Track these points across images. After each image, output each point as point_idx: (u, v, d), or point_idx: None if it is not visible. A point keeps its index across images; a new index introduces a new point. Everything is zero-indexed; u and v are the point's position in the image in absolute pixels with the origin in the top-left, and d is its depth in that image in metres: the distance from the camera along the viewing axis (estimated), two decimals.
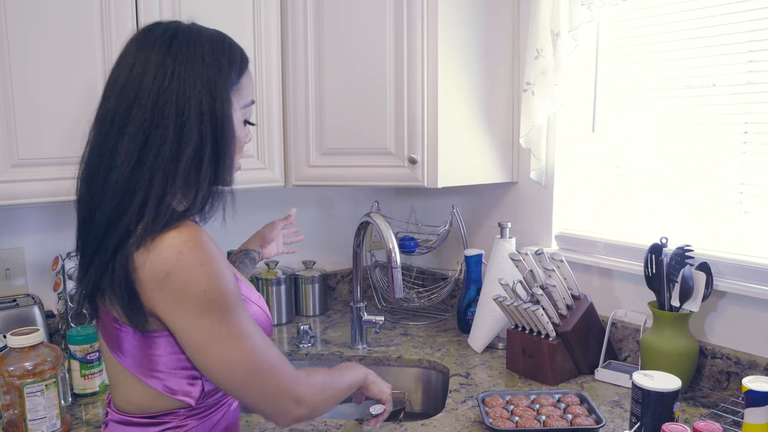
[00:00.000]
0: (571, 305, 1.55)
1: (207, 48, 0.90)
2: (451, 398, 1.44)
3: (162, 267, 0.82)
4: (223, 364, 0.87)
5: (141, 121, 0.84)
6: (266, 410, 0.93)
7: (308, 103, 1.72)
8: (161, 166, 0.84)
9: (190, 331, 0.86)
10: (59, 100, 1.38)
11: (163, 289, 0.83)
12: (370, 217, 1.60)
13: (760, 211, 1.40)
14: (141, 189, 0.84)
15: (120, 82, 0.87)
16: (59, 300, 1.61)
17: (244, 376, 0.89)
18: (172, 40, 0.88)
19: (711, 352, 1.45)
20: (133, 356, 0.91)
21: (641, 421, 1.17)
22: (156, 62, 0.86)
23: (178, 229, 0.84)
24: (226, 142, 0.90)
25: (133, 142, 0.84)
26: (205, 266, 0.84)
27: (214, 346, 0.86)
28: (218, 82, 0.88)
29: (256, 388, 0.90)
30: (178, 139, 0.85)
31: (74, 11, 1.37)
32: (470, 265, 1.86)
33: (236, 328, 0.87)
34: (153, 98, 0.85)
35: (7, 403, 1.21)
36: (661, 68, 1.54)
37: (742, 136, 1.41)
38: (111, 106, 0.87)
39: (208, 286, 0.84)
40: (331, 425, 1.32)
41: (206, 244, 0.85)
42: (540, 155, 1.76)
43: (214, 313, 0.85)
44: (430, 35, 1.63)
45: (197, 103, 0.86)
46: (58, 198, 1.40)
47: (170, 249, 0.83)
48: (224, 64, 0.90)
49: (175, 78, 0.85)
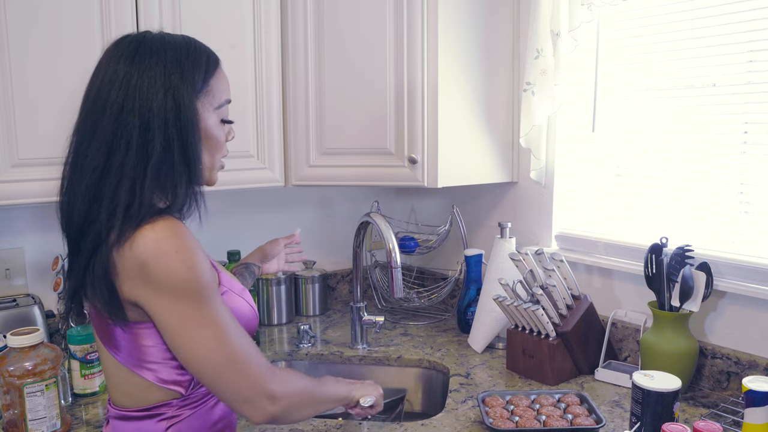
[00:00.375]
0: (571, 305, 1.55)
1: (170, 56, 0.93)
2: (451, 398, 1.44)
3: (140, 258, 0.86)
4: (197, 352, 0.89)
5: (106, 132, 0.89)
6: (239, 404, 0.93)
7: (308, 103, 1.72)
8: (127, 174, 0.88)
9: (167, 319, 0.88)
10: (59, 100, 1.38)
11: (143, 279, 0.87)
12: (370, 217, 1.60)
13: (760, 211, 1.40)
14: (107, 195, 0.89)
15: (91, 95, 0.92)
16: (59, 300, 1.61)
17: (217, 365, 0.90)
18: (136, 50, 0.92)
19: (711, 352, 1.45)
20: (126, 350, 0.94)
21: (641, 421, 1.17)
22: (121, 74, 0.90)
23: (153, 222, 0.88)
24: (193, 145, 0.93)
25: (100, 151, 0.89)
26: (180, 254, 0.87)
27: (189, 333, 0.88)
28: (180, 88, 0.92)
29: (229, 379, 0.91)
30: (143, 146, 0.89)
31: (74, 12, 1.37)
32: (470, 265, 1.86)
33: (211, 316, 0.90)
34: (117, 110, 0.89)
35: (7, 403, 1.21)
36: (661, 68, 1.54)
37: (742, 136, 1.41)
38: (83, 119, 0.92)
39: (183, 273, 0.87)
40: (331, 425, 1.32)
41: (182, 234, 0.89)
42: (540, 155, 1.76)
43: (189, 301, 0.88)
44: (430, 35, 1.63)
45: (160, 110, 0.90)
46: (57, 198, 1.40)
47: (147, 239, 0.86)
48: (187, 69, 0.93)
49: (137, 88, 0.90)
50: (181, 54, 0.94)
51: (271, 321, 1.98)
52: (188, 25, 1.51)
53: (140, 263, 0.86)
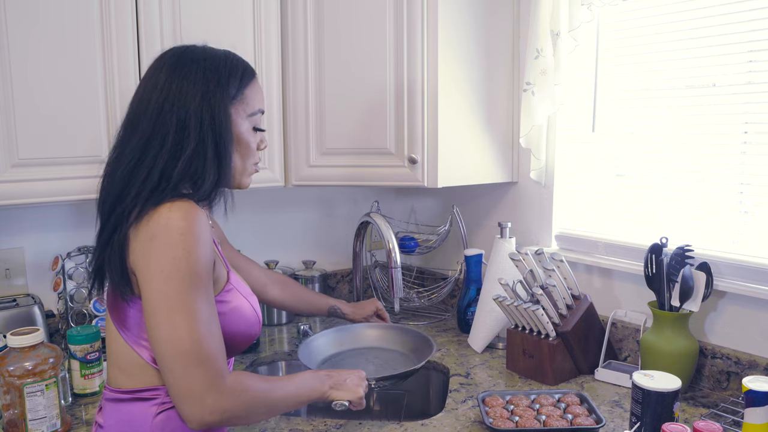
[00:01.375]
0: (571, 305, 1.55)
1: (209, 64, 1.02)
2: (451, 398, 1.44)
3: (151, 231, 0.92)
4: (163, 334, 0.92)
5: (146, 129, 0.98)
6: (180, 399, 0.92)
7: (308, 103, 1.72)
8: (159, 164, 0.97)
9: (151, 293, 0.92)
10: (59, 101, 1.38)
11: (146, 250, 0.93)
12: (370, 217, 1.61)
13: (760, 211, 1.40)
14: (139, 180, 0.96)
15: (137, 97, 1.02)
16: (59, 300, 1.61)
17: (176, 353, 0.91)
18: (179, 58, 1.02)
19: (711, 352, 1.45)
20: (125, 320, 1.00)
21: (641, 421, 1.17)
22: (163, 78, 1.00)
23: (172, 202, 0.94)
24: (225, 145, 1.02)
25: (138, 145, 0.98)
26: (184, 237, 0.92)
27: (163, 313, 0.92)
28: (216, 93, 1.01)
29: (180, 372, 0.91)
30: (179, 143, 0.98)
31: (74, 12, 1.37)
32: (470, 265, 1.86)
33: (189, 304, 0.92)
34: (157, 109, 0.98)
35: (7, 403, 1.21)
36: (661, 68, 1.54)
37: (742, 136, 1.41)
38: (128, 117, 1.02)
39: (181, 255, 0.91)
40: (331, 425, 1.32)
41: (193, 219, 0.94)
42: (540, 155, 1.76)
43: (175, 283, 0.91)
44: (430, 35, 1.63)
45: (197, 112, 0.99)
46: (58, 198, 1.40)
47: (161, 216, 0.93)
48: (224, 77, 1.03)
49: (177, 90, 0.99)
50: (219, 63, 1.03)
51: (271, 321, 1.98)
52: (188, 26, 1.51)
53: (150, 236, 0.92)
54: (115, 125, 1.44)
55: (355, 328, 1.66)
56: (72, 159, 1.41)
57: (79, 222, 1.73)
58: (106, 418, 1.03)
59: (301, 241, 2.16)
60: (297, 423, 1.33)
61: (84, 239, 1.70)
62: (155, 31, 1.47)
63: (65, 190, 1.41)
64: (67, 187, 1.41)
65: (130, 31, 1.44)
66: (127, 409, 1.00)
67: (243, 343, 1.09)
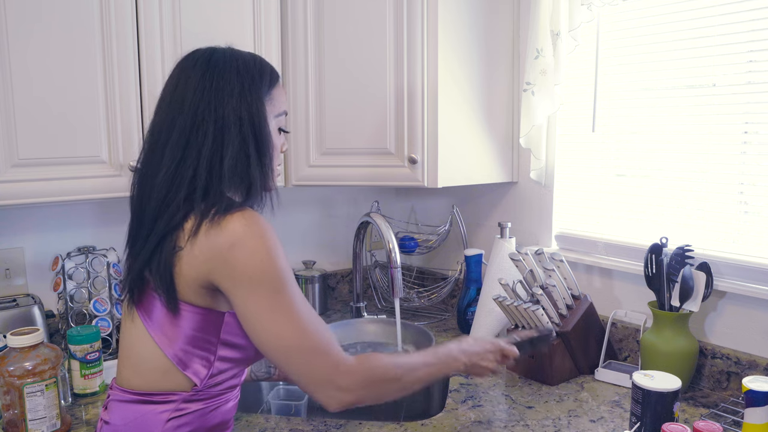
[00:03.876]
0: (571, 305, 1.55)
1: (241, 63, 1.03)
2: (451, 398, 1.44)
3: (228, 239, 0.92)
4: (271, 337, 0.95)
5: (183, 127, 0.97)
6: (310, 390, 0.97)
7: (308, 103, 1.72)
8: (203, 162, 0.96)
9: (246, 302, 0.94)
10: (59, 100, 1.38)
11: (227, 261, 0.92)
12: (370, 217, 1.61)
13: (761, 211, 1.40)
14: (185, 183, 0.96)
15: (166, 98, 1.01)
16: (59, 300, 1.61)
17: (288, 350, 0.95)
18: (210, 58, 1.02)
19: (711, 352, 1.45)
20: (160, 323, 0.98)
21: (641, 421, 1.17)
22: (196, 78, 0.99)
23: (242, 211, 0.95)
24: (266, 143, 1.02)
25: (178, 144, 0.97)
26: (264, 240, 0.94)
27: (264, 317, 0.94)
28: (252, 90, 1.01)
29: (299, 366, 0.96)
30: (220, 140, 0.97)
31: (74, 12, 1.37)
32: (470, 265, 1.86)
33: (287, 302, 0.95)
34: (194, 107, 0.98)
35: (7, 403, 1.21)
36: (661, 68, 1.54)
37: (742, 136, 1.41)
38: (159, 120, 1.01)
39: (267, 258, 0.93)
40: (331, 425, 1.32)
41: (266, 224, 0.96)
42: (540, 155, 1.76)
43: (268, 286, 0.93)
44: (430, 35, 1.63)
45: (235, 108, 0.99)
46: (58, 198, 1.40)
47: (236, 224, 0.93)
48: (256, 75, 1.03)
49: (213, 89, 0.98)
50: (249, 63, 1.04)
51: None
52: (188, 25, 1.51)
53: (229, 244, 0.92)
54: (115, 125, 1.45)
55: (355, 324, 1.65)
56: (72, 159, 1.41)
57: (79, 222, 1.73)
58: (114, 417, 1.02)
59: (301, 241, 2.16)
60: (297, 423, 1.33)
61: (84, 239, 1.71)
62: (155, 31, 1.47)
63: (65, 190, 1.41)
64: (67, 187, 1.41)
65: (130, 31, 1.44)
66: (137, 411, 1.00)
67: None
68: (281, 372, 1.37)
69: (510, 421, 1.31)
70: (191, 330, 0.98)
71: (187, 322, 0.97)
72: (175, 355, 0.98)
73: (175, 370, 0.98)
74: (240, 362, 1.04)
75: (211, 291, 0.97)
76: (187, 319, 0.97)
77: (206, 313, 0.98)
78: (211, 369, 1.00)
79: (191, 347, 0.98)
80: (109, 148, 1.45)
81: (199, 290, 0.96)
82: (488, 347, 1.18)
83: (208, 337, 0.98)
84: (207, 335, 0.98)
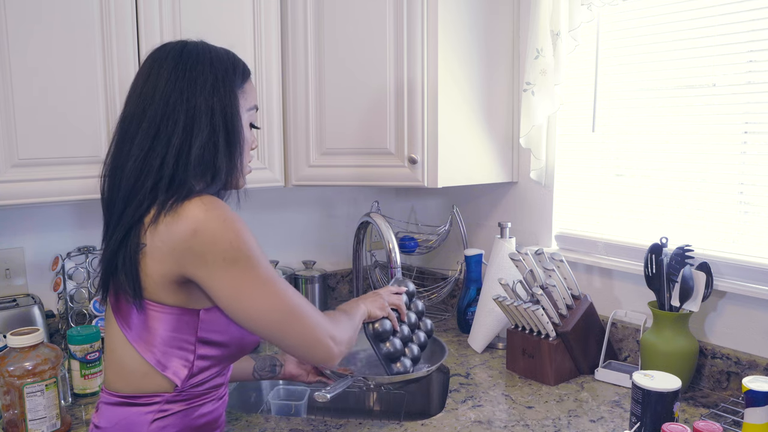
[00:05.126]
0: (571, 305, 1.55)
1: (214, 55, 1.03)
2: (451, 398, 1.44)
3: (189, 226, 0.91)
4: (257, 312, 0.96)
5: (153, 117, 0.97)
6: (307, 350, 1.00)
7: (308, 103, 1.72)
8: (172, 153, 0.95)
9: (222, 284, 0.94)
10: (59, 100, 1.38)
11: (193, 247, 0.92)
12: (370, 217, 1.60)
13: (760, 211, 1.40)
14: (152, 172, 0.95)
15: (138, 89, 1.00)
16: (59, 300, 1.61)
17: (278, 320, 0.97)
18: (182, 50, 1.01)
19: (711, 352, 1.45)
20: (137, 328, 0.98)
21: (641, 421, 1.17)
22: (168, 69, 0.99)
23: (200, 197, 0.95)
24: (237, 134, 1.02)
25: (147, 134, 0.96)
26: (227, 221, 0.93)
27: (245, 295, 0.95)
28: (225, 81, 1.01)
29: (292, 330, 0.98)
30: (189, 129, 0.97)
31: (74, 12, 1.37)
32: (470, 265, 1.86)
33: (264, 276, 0.96)
34: (165, 97, 0.97)
35: (7, 403, 1.21)
36: (661, 68, 1.54)
37: (742, 136, 1.41)
38: (130, 110, 1.00)
39: (234, 237, 0.93)
40: (331, 425, 1.32)
41: (226, 206, 0.96)
42: (540, 155, 1.76)
43: (242, 263, 0.94)
44: (430, 35, 1.63)
45: (207, 99, 0.98)
46: (58, 198, 1.40)
47: (195, 209, 0.92)
48: (229, 68, 1.03)
49: (185, 79, 0.98)
50: (222, 56, 1.04)
51: None
52: (188, 25, 1.51)
53: (191, 231, 0.91)
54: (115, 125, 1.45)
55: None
56: (72, 159, 1.41)
57: (79, 222, 1.73)
58: (102, 420, 1.02)
59: (301, 241, 2.16)
60: (297, 423, 1.33)
61: (84, 239, 1.71)
62: (155, 31, 1.47)
63: (65, 190, 1.41)
64: (67, 187, 1.41)
65: (130, 31, 1.44)
66: (123, 413, 1.00)
67: (253, 342, 1.08)
68: (285, 371, 1.38)
69: (510, 421, 1.31)
70: (167, 331, 0.97)
71: (162, 324, 0.96)
72: (154, 357, 0.97)
73: (155, 372, 0.98)
74: (221, 360, 1.03)
75: (183, 286, 0.96)
76: (162, 321, 0.96)
77: (181, 313, 0.97)
78: (191, 369, 0.99)
79: (169, 348, 0.97)
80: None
81: (171, 286, 0.95)
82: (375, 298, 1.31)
83: (185, 337, 0.98)
84: (184, 335, 0.98)
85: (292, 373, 1.37)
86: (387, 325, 1.30)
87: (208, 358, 1.01)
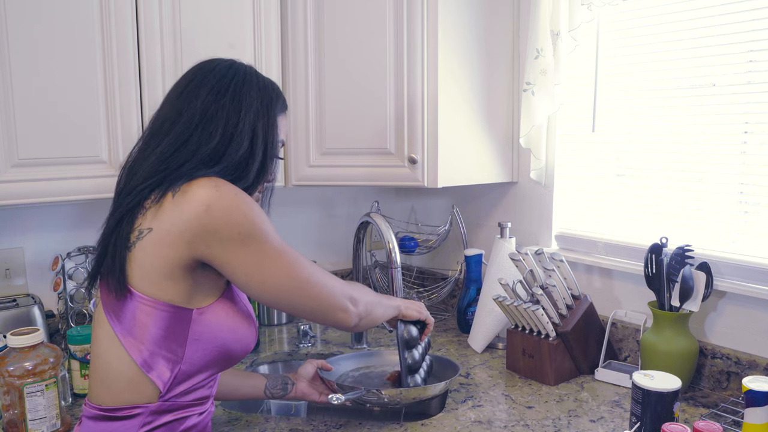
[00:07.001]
0: (571, 305, 1.55)
1: (261, 81, 1.07)
2: (451, 398, 1.44)
3: (201, 202, 0.91)
4: (275, 283, 0.98)
5: (189, 122, 0.98)
6: (328, 314, 1.03)
7: (308, 103, 1.72)
8: (196, 160, 0.96)
9: (238, 259, 0.94)
10: (59, 100, 1.38)
11: (206, 224, 0.92)
12: (370, 217, 1.60)
13: (761, 210, 1.40)
14: (169, 170, 0.96)
15: (177, 92, 1.02)
16: (59, 300, 1.61)
17: (297, 288, 0.99)
18: (230, 67, 1.04)
19: (711, 352, 1.45)
20: (129, 324, 0.96)
21: (641, 421, 1.17)
22: (213, 80, 1.01)
23: (206, 177, 0.95)
24: (271, 160, 1.05)
25: (178, 138, 0.98)
26: (239, 196, 0.95)
27: (264, 267, 0.96)
28: (270, 108, 1.05)
29: (312, 297, 1.01)
30: (226, 144, 0.99)
31: (74, 11, 1.37)
32: (470, 265, 1.86)
33: (279, 247, 0.98)
34: (204, 106, 0.99)
35: (7, 403, 1.21)
36: (661, 68, 1.54)
37: (742, 136, 1.41)
38: (165, 111, 1.01)
39: (248, 210, 0.94)
40: (331, 425, 1.32)
41: (235, 186, 0.97)
42: (540, 155, 1.76)
43: (257, 237, 0.95)
44: (430, 35, 1.63)
45: (253, 121, 1.02)
46: (57, 198, 1.40)
47: (205, 187, 0.93)
48: (274, 97, 1.07)
49: (230, 95, 1.00)
50: (268, 84, 1.08)
51: (271, 321, 1.98)
52: (188, 25, 1.51)
53: (204, 207, 0.91)
54: (115, 125, 1.45)
55: (379, 352, 1.60)
56: (72, 159, 1.41)
57: (79, 222, 1.73)
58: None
59: (301, 241, 2.16)
60: (297, 423, 1.33)
61: (84, 239, 1.70)
62: (155, 31, 1.47)
63: (65, 190, 1.41)
64: (67, 187, 1.41)
65: (130, 32, 1.44)
66: (105, 428, 0.97)
67: (241, 351, 1.06)
68: (297, 390, 1.34)
69: (510, 421, 1.31)
70: (159, 329, 0.95)
71: (154, 321, 0.95)
72: (141, 356, 0.95)
73: (140, 376, 0.96)
74: (206, 366, 1.01)
75: (190, 274, 0.95)
76: (154, 317, 0.95)
77: (174, 311, 0.96)
78: (175, 371, 0.97)
79: (158, 348, 0.96)
80: (109, 148, 1.45)
81: (177, 273, 0.94)
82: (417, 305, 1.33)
83: (175, 337, 0.96)
84: (174, 334, 0.96)
85: (303, 391, 1.34)
86: (414, 332, 1.32)
87: (194, 363, 0.99)
